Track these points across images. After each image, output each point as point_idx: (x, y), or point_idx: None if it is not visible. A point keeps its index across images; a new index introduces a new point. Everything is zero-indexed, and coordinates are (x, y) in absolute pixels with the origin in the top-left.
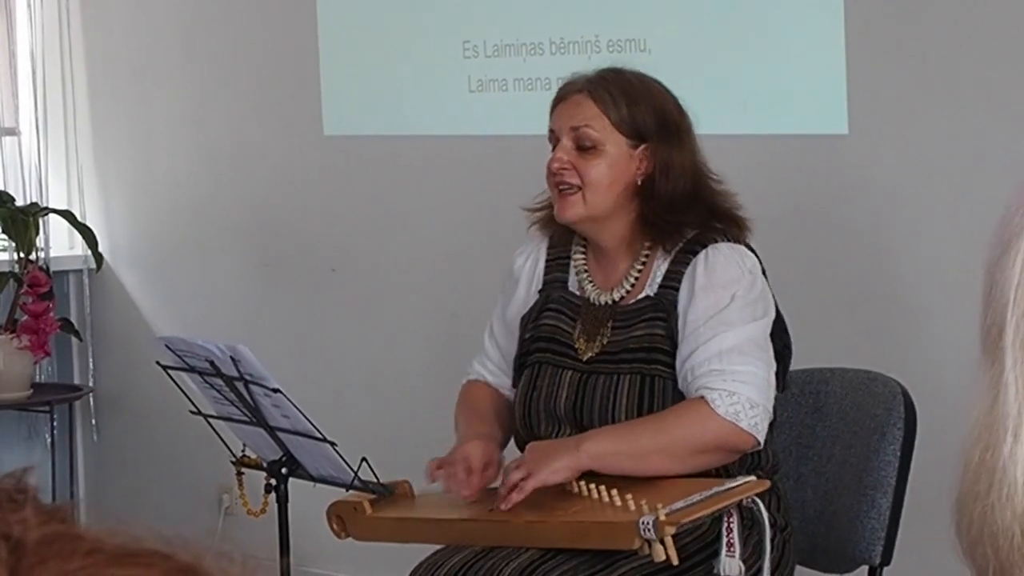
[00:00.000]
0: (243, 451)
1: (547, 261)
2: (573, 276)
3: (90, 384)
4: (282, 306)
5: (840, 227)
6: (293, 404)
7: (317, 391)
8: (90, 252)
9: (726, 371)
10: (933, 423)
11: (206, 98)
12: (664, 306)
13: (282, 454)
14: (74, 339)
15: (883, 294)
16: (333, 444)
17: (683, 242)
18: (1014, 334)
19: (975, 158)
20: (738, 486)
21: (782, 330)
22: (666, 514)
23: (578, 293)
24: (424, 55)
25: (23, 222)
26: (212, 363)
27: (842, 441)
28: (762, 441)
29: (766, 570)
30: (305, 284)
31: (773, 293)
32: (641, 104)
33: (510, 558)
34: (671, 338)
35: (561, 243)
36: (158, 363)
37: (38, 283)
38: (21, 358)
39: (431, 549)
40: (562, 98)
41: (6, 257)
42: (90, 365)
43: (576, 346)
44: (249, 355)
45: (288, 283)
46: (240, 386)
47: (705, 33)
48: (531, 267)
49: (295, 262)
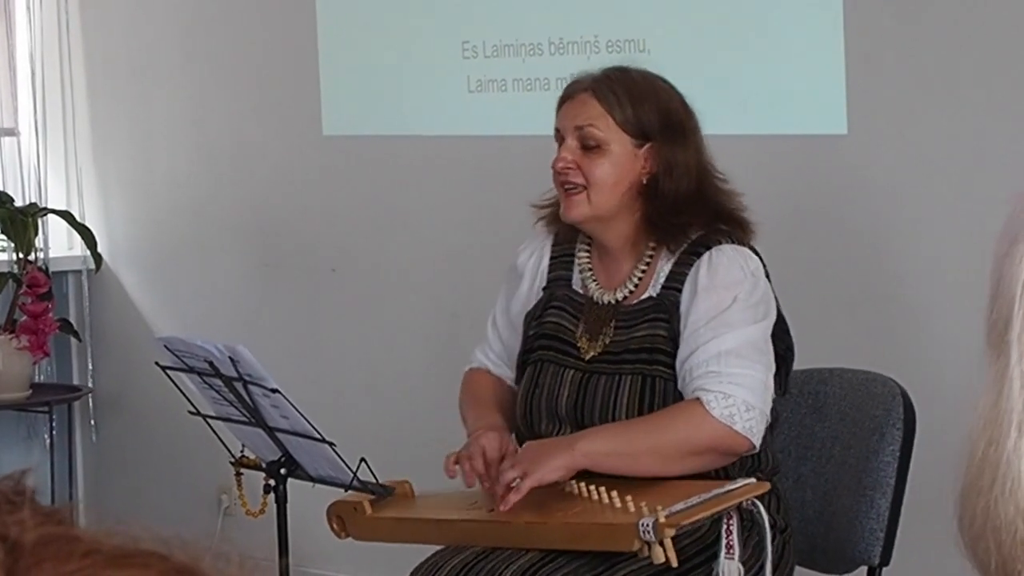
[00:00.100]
0: (242, 451)
1: (551, 258)
2: (577, 274)
3: (89, 384)
4: (281, 306)
5: (839, 227)
6: (292, 404)
7: (316, 391)
8: (89, 252)
9: (723, 373)
10: (932, 424)
11: (205, 98)
12: (666, 307)
13: (281, 454)
14: (73, 339)
15: (882, 294)
16: (332, 444)
17: (687, 243)
18: (1020, 328)
19: (974, 158)
20: (738, 488)
21: (784, 332)
22: (666, 516)
23: (581, 292)
24: (423, 55)
25: (22, 222)
26: (211, 363)
27: (841, 441)
28: (757, 444)
29: (767, 572)
30: (305, 284)
31: (776, 295)
32: (646, 103)
33: (510, 560)
34: (673, 339)
35: (566, 241)
36: (157, 364)
37: (37, 283)
38: (20, 358)
39: (431, 550)
40: (568, 97)
41: (5, 257)
42: (89, 365)
43: (579, 345)
44: (248, 355)
45: (287, 283)
46: (239, 386)
47: (704, 33)
48: (535, 264)
49: (294, 262)
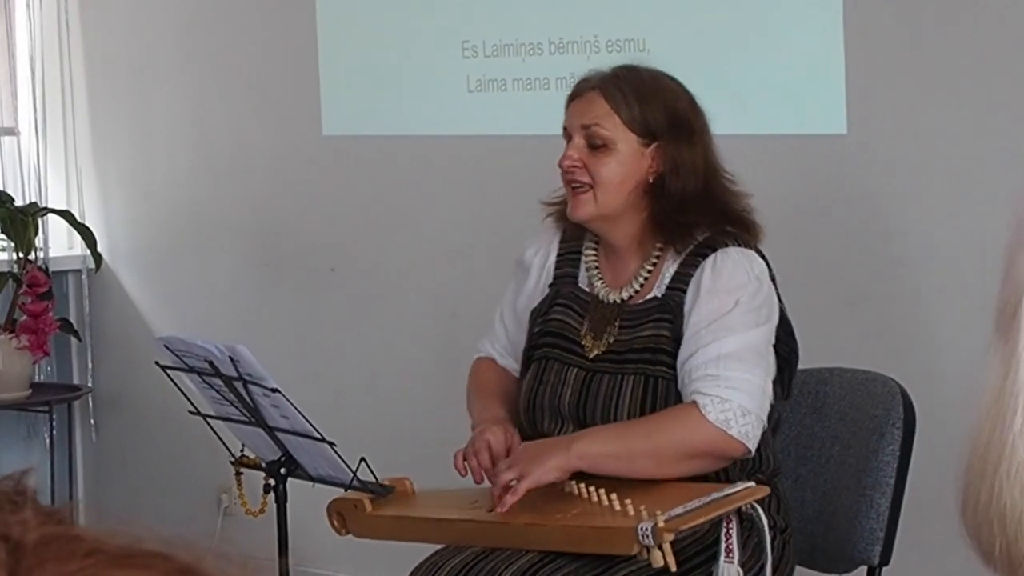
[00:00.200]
0: (242, 451)
1: (558, 255)
2: (583, 272)
3: (89, 384)
4: (281, 306)
5: (839, 227)
6: (292, 404)
7: (316, 391)
8: (89, 252)
9: (721, 377)
10: (932, 424)
11: (205, 98)
12: (671, 308)
13: (281, 454)
14: (73, 339)
15: (882, 294)
16: (332, 444)
17: (694, 244)
18: None
19: (974, 158)
20: (737, 492)
21: (789, 336)
22: (664, 520)
23: (587, 289)
24: (423, 55)
25: (22, 222)
26: (211, 363)
27: (841, 441)
28: (753, 449)
29: (767, 574)
30: (304, 284)
31: (781, 299)
32: (653, 102)
33: (509, 560)
34: (676, 340)
35: (573, 238)
36: (157, 363)
37: (37, 283)
38: (20, 358)
39: (430, 549)
40: (576, 95)
41: (5, 257)
42: (89, 365)
43: (583, 343)
44: (248, 355)
45: (287, 283)
46: (239, 386)
47: (704, 33)
48: (542, 260)
49: (294, 262)
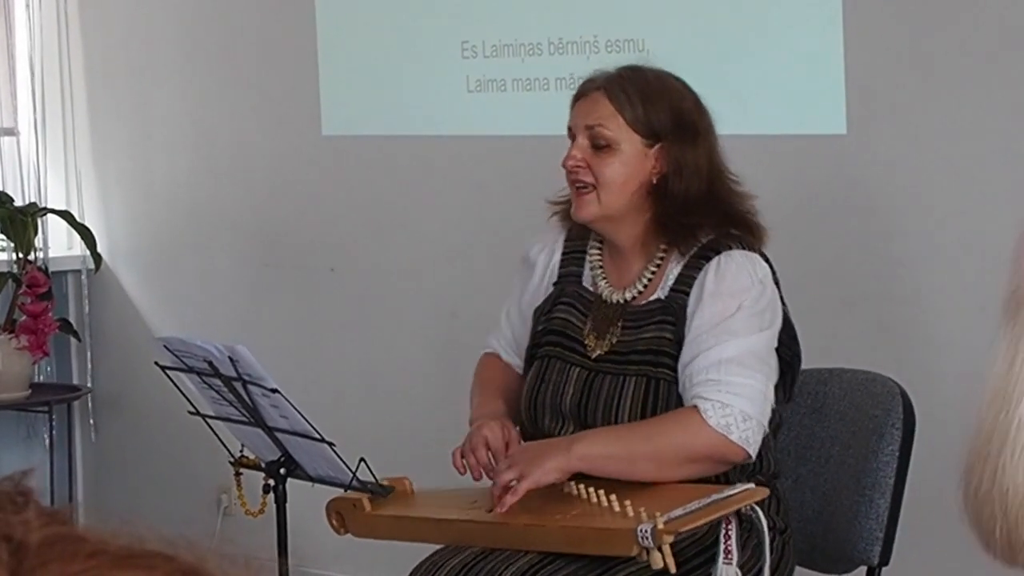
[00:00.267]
0: (241, 451)
1: (563, 254)
2: (588, 272)
3: (88, 384)
4: (281, 306)
5: (838, 227)
6: (291, 404)
7: (316, 391)
8: (89, 252)
9: (722, 381)
10: (932, 424)
11: (205, 98)
12: (674, 310)
13: (280, 454)
14: (73, 339)
15: (882, 294)
16: (331, 444)
17: (698, 246)
18: None
19: (974, 158)
20: (736, 494)
21: (792, 339)
22: (664, 522)
23: (591, 289)
24: (423, 55)
25: (22, 222)
26: (210, 363)
27: (840, 442)
28: (753, 454)
29: (766, 574)
30: (304, 284)
31: (784, 302)
32: (657, 103)
33: (509, 561)
34: (678, 343)
35: (578, 237)
36: (156, 363)
37: (37, 283)
38: (20, 358)
39: (429, 549)
40: (581, 95)
41: (5, 257)
42: (88, 365)
43: (586, 342)
44: (247, 355)
45: (287, 283)
46: (238, 386)
47: (703, 33)
48: (546, 258)
49: (294, 262)
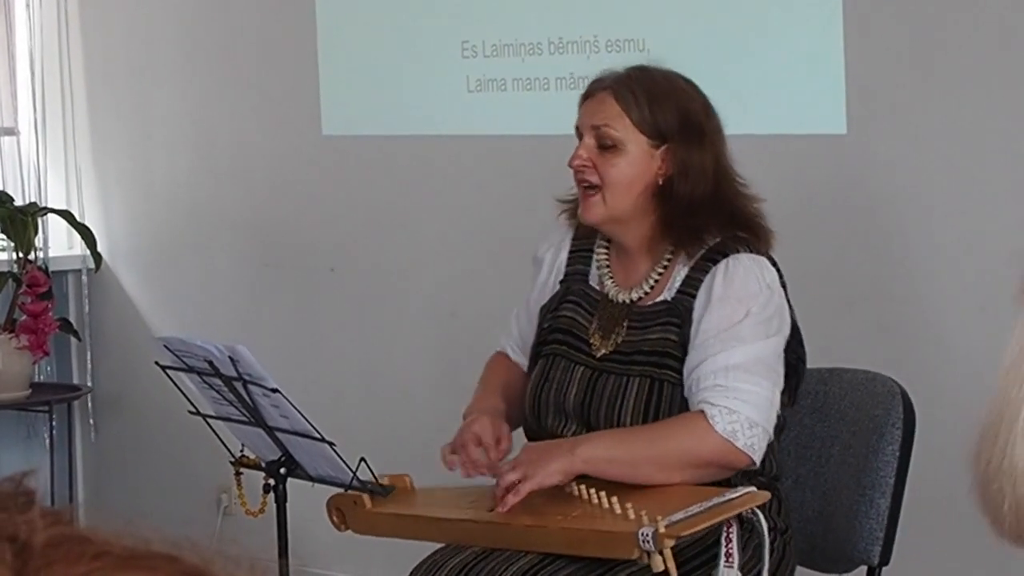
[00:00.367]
0: (242, 451)
1: (570, 253)
2: (595, 270)
3: (89, 384)
4: (281, 306)
5: (838, 227)
6: (292, 404)
7: (316, 391)
8: (89, 252)
9: (729, 388)
10: (932, 424)
11: (205, 98)
12: (680, 312)
13: (281, 454)
14: (73, 339)
15: (882, 294)
16: (332, 444)
17: (705, 249)
18: None
19: (974, 158)
20: (738, 497)
21: (798, 343)
22: (666, 526)
23: (598, 288)
24: (423, 55)
25: (22, 222)
26: (211, 363)
27: (841, 441)
28: (758, 461)
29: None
30: (304, 284)
31: (791, 306)
32: (664, 104)
33: (510, 561)
34: (683, 345)
35: (585, 236)
36: (157, 363)
37: (37, 283)
38: (20, 358)
39: (430, 548)
40: (588, 95)
41: (5, 257)
42: (89, 365)
43: (591, 341)
44: (248, 355)
45: (287, 283)
46: (239, 386)
47: (703, 33)
48: (553, 256)
49: (294, 262)
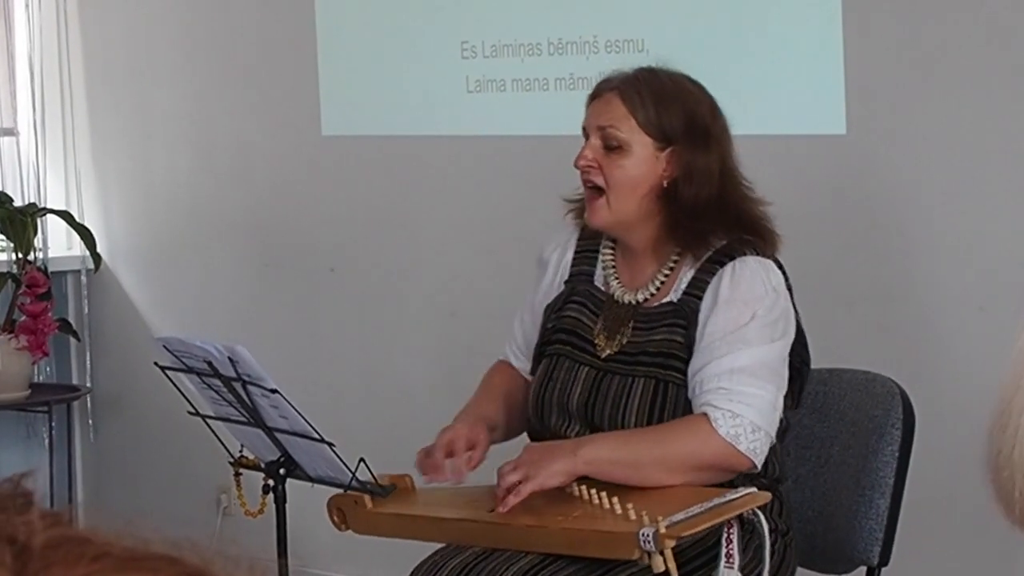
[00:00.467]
0: (241, 452)
1: (576, 253)
2: (600, 271)
3: (88, 384)
4: (280, 306)
5: (838, 227)
6: (291, 404)
7: (315, 391)
8: (88, 253)
9: (733, 391)
10: (932, 424)
11: (204, 98)
12: (686, 313)
13: (280, 455)
14: (72, 339)
15: (882, 294)
16: (331, 444)
17: (711, 251)
18: None
19: (974, 158)
20: (739, 498)
21: (802, 346)
22: (666, 526)
23: (603, 289)
24: (422, 55)
25: (21, 222)
26: (210, 364)
27: (840, 442)
28: (760, 465)
29: None
30: (303, 284)
31: (796, 309)
32: (671, 106)
33: (510, 562)
34: (689, 346)
35: (591, 236)
36: (156, 364)
37: (36, 283)
38: (19, 358)
39: (430, 548)
40: (596, 95)
41: (4, 257)
42: (88, 365)
43: (596, 342)
44: (247, 355)
45: (286, 283)
46: (238, 387)
47: (703, 33)
48: (559, 257)
49: (293, 262)
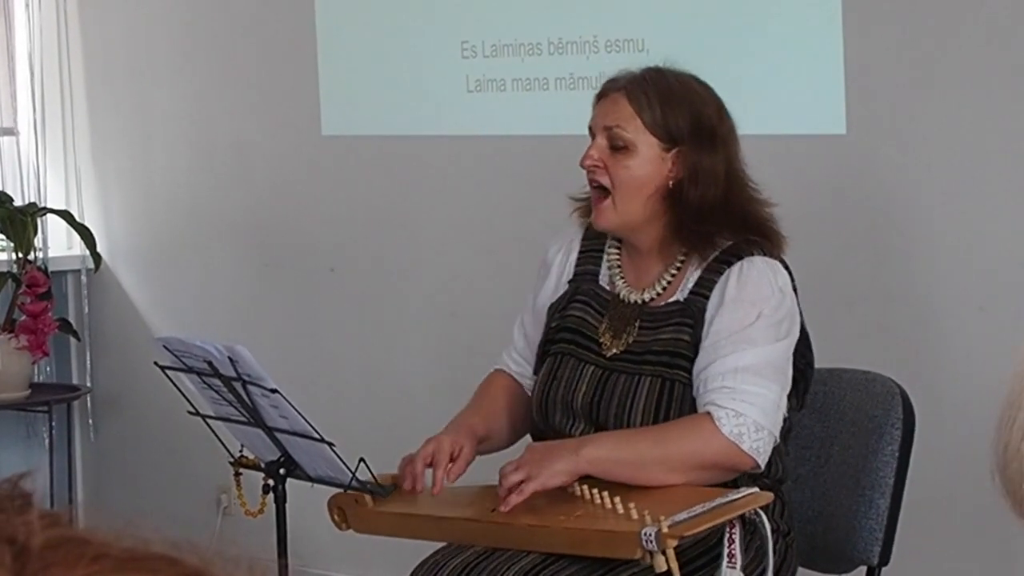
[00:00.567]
0: (241, 451)
1: (580, 253)
2: (605, 271)
3: (88, 384)
4: (280, 306)
5: (838, 227)
6: (291, 404)
7: (315, 391)
8: (88, 252)
9: (737, 390)
10: (932, 424)
11: (204, 98)
12: (693, 312)
13: (280, 454)
14: (72, 339)
15: (882, 294)
16: (331, 444)
17: (718, 251)
18: None
19: (974, 158)
20: (741, 498)
21: (807, 348)
22: (669, 526)
23: (608, 288)
24: (422, 55)
25: (21, 222)
26: (210, 363)
27: (840, 442)
28: (763, 465)
29: None
30: (303, 284)
31: (801, 310)
32: (677, 107)
33: (511, 561)
34: (695, 345)
35: (596, 236)
36: (156, 363)
37: (36, 283)
38: (19, 358)
39: (431, 547)
40: (602, 95)
41: (4, 257)
42: (88, 365)
43: (601, 341)
44: (247, 355)
45: (286, 283)
46: (238, 386)
47: (703, 33)
48: (563, 257)
49: (293, 262)
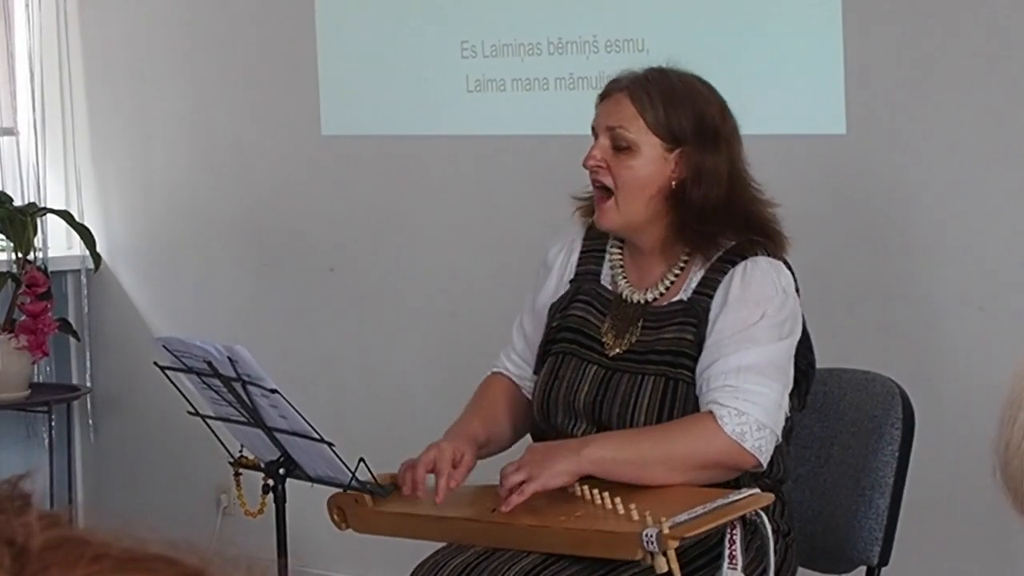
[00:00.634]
0: (241, 452)
1: (582, 252)
2: (607, 270)
3: (88, 384)
4: (280, 306)
5: (838, 227)
6: (291, 404)
7: (315, 391)
8: (88, 252)
9: (740, 388)
10: (931, 424)
11: (204, 98)
12: (696, 312)
13: (280, 455)
14: (72, 339)
15: (882, 294)
16: (331, 444)
17: (722, 251)
18: None
19: (974, 158)
20: (742, 499)
21: (808, 348)
22: (670, 527)
23: (610, 288)
24: (422, 55)
25: (21, 222)
26: (210, 364)
27: (840, 441)
28: (765, 463)
29: None
30: (303, 284)
31: (803, 311)
32: (680, 107)
33: (512, 561)
34: (699, 345)
35: (598, 236)
36: (156, 364)
37: (36, 283)
38: (19, 358)
39: (431, 547)
40: (605, 95)
41: (4, 257)
42: (88, 365)
43: (603, 340)
44: (247, 355)
45: (286, 283)
46: (238, 387)
47: (703, 33)
48: (564, 257)
49: (293, 262)
